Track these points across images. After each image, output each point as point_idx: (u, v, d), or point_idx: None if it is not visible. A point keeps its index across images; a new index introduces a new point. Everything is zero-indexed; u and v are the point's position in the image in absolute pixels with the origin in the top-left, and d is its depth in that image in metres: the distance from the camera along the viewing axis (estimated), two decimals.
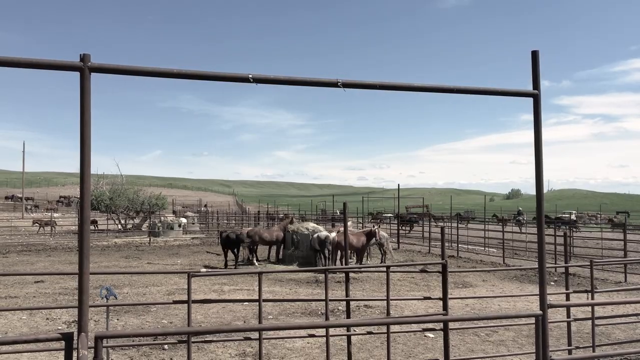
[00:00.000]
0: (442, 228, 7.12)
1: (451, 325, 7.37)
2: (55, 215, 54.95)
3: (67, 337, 2.81)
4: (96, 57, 2.67)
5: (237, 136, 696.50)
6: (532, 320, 8.52)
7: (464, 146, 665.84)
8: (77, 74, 2.65)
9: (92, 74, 2.65)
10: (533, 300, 13.16)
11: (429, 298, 8.07)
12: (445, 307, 6.65)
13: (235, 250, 21.35)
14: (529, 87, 3.61)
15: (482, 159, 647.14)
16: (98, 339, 2.75)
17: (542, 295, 3.60)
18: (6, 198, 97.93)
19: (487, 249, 28.24)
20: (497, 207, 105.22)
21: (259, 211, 57.83)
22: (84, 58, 2.63)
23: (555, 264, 20.32)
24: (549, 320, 3.76)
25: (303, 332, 8.22)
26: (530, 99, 3.58)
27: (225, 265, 20.96)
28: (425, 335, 9.66)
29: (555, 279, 17.45)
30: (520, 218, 48.49)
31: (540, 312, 3.59)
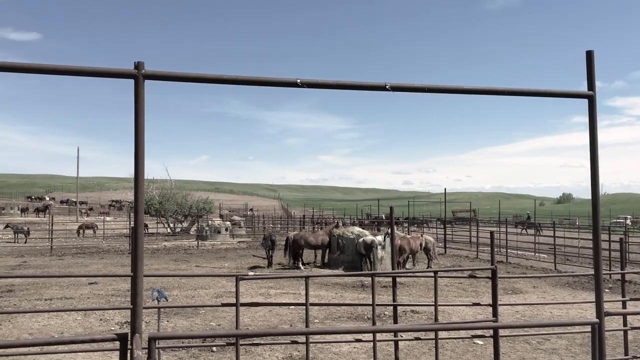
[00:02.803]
0: (492, 233, 6.98)
1: (501, 332, 7.20)
2: (108, 218, 56.61)
3: (121, 338, 2.89)
4: (145, 63, 2.74)
5: (283, 140, 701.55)
6: (586, 328, 8.24)
7: (513, 149, 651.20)
8: (131, 81, 2.72)
9: (145, 80, 2.72)
10: (586, 307, 12.75)
11: (478, 304, 7.91)
12: (495, 313, 6.51)
13: (270, 251, 22.62)
14: (579, 87, 3.50)
15: (531, 162, 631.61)
16: (151, 339, 2.80)
17: (599, 303, 3.47)
18: (61, 202, 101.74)
19: (537, 254, 27.53)
20: (547, 212, 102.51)
21: (304, 215, 58.08)
22: (138, 66, 2.70)
23: (610, 270, 19.65)
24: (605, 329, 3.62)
25: (349, 337, 8.19)
26: (583, 100, 3.47)
27: (268, 265, 22.59)
28: (474, 342, 9.48)
29: (610, 285, 16.86)
30: (528, 222, 48.04)
31: (597, 319, 3.46)
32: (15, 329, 10.62)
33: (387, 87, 3.02)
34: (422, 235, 23.10)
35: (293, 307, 12.29)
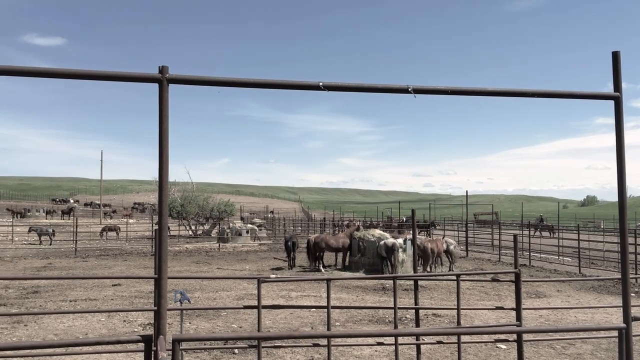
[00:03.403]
0: (515, 236, 6.90)
1: (525, 336, 7.11)
2: (130, 221, 57.26)
3: (146, 339, 2.92)
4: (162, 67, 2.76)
5: (304, 143, 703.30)
6: (612, 333, 8.10)
7: (535, 151, 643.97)
8: (155, 85, 2.76)
9: (169, 85, 2.75)
10: (612, 312, 12.53)
11: (502, 308, 7.83)
12: (518, 317, 6.43)
13: (292, 253, 22.90)
14: (602, 89, 3.45)
15: (554, 164, 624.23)
16: (175, 341, 2.82)
17: (626, 307, 3.42)
18: (85, 205, 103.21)
19: (561, 257, 27.14)
20: (571, 215, 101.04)
21: (324, 218, 58.06)
22: (162, 70, 2.73)
23: (637, 274, 19.28)
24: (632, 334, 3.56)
25: (371, 340, 8.16)
26: (608, 102, 3.42)
27: (289, 267, 22.88)
28: (497, 347, 9.38)
29: (636, 290, 16.54)
30: (542, 224, 47.24)
31: (624, 324, 3.40)
32: (41, 329, 10.80)
33: (409, 89, 3.01)
34: (443, 238, 23.04)
35: (314, 309, 12.29)
